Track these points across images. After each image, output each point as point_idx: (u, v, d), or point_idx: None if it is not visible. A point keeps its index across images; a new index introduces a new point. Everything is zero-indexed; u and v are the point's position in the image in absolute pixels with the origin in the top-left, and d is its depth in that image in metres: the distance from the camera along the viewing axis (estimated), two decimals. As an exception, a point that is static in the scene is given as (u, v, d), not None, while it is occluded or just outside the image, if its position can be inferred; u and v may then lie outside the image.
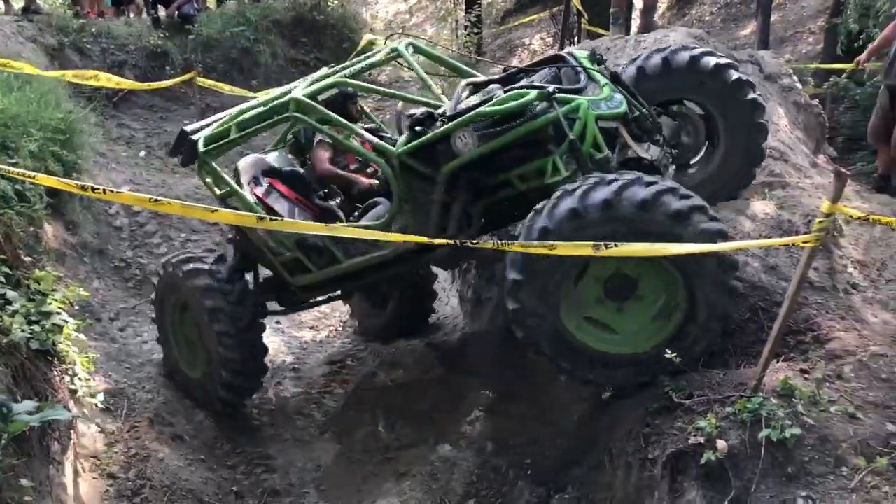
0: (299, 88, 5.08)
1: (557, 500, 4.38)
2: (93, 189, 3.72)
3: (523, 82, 4.55)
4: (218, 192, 5.33)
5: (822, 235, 3.32)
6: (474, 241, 4.02)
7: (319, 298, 5.79)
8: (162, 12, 11.07)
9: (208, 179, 5.40)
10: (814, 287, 4.49)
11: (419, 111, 4.65)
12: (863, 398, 3.78)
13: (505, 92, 4.36)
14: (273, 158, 5.74)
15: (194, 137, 5.26)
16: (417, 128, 4.50)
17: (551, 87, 4.23)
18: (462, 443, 5.01)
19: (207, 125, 5.42)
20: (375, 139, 4.72)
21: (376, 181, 5.52)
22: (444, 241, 3.99)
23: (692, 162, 5.17)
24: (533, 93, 4.18)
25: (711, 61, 4.88)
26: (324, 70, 5.53)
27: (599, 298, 4.09)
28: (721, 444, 3.48)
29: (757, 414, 3.51)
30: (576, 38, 10.25)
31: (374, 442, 5.37)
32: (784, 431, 3.41)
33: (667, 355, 3.80)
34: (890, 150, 6.63)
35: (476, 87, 4.91)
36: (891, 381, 3.92)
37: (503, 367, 5.25)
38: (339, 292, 5.75)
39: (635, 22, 11.34)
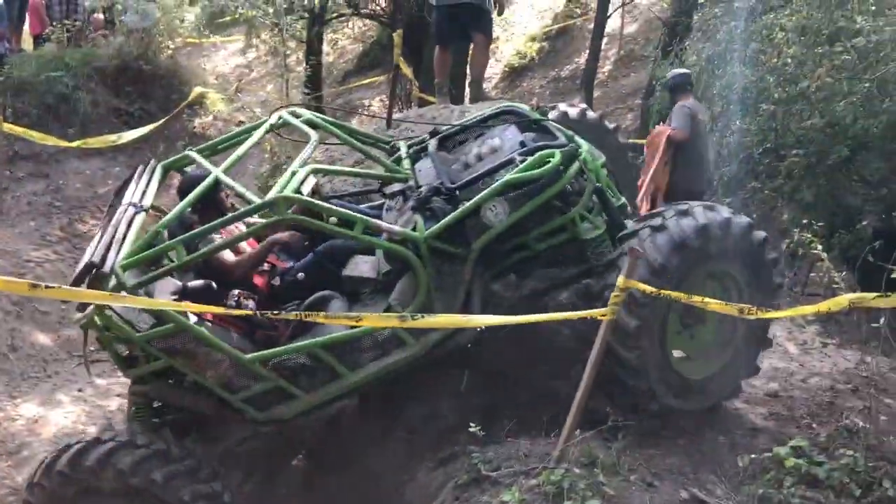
0: (277, 185, 4.04)
1: (367, 579, 4.23)
2: None
3: (512, 137, 4.53)
4: (141, 333, 3.83)
5: (616, 309, 3.44)
6: (275, 312, 3.71)
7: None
8: (-32, 51, 10.30)
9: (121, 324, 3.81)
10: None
11: (424, 188, 4.24)
12: (660, 465, 3.92)
13: (522, 155, 4.23)
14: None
15: (106, 269, 3.71)
16: (426, 208, 4.15)
17: (571, 145, 4.28)
18: (273, 520, 4.76)
19: (108, 248, 3.87)
20: (395, 227, 4.10)
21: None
22: (243, 311, 3.77)
23: None
24: (558, 153, 4.13)
25: (595, 114, 6.09)
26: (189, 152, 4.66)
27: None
28: (524, 517, 3.47)
29: (559, 486, 3.53)
30: (410, 105, 10.42)
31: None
32: (585, 502, 3.45)
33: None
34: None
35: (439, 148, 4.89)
36: (686, 448, 4.11)
37: (317, 438, 5.06)
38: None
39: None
